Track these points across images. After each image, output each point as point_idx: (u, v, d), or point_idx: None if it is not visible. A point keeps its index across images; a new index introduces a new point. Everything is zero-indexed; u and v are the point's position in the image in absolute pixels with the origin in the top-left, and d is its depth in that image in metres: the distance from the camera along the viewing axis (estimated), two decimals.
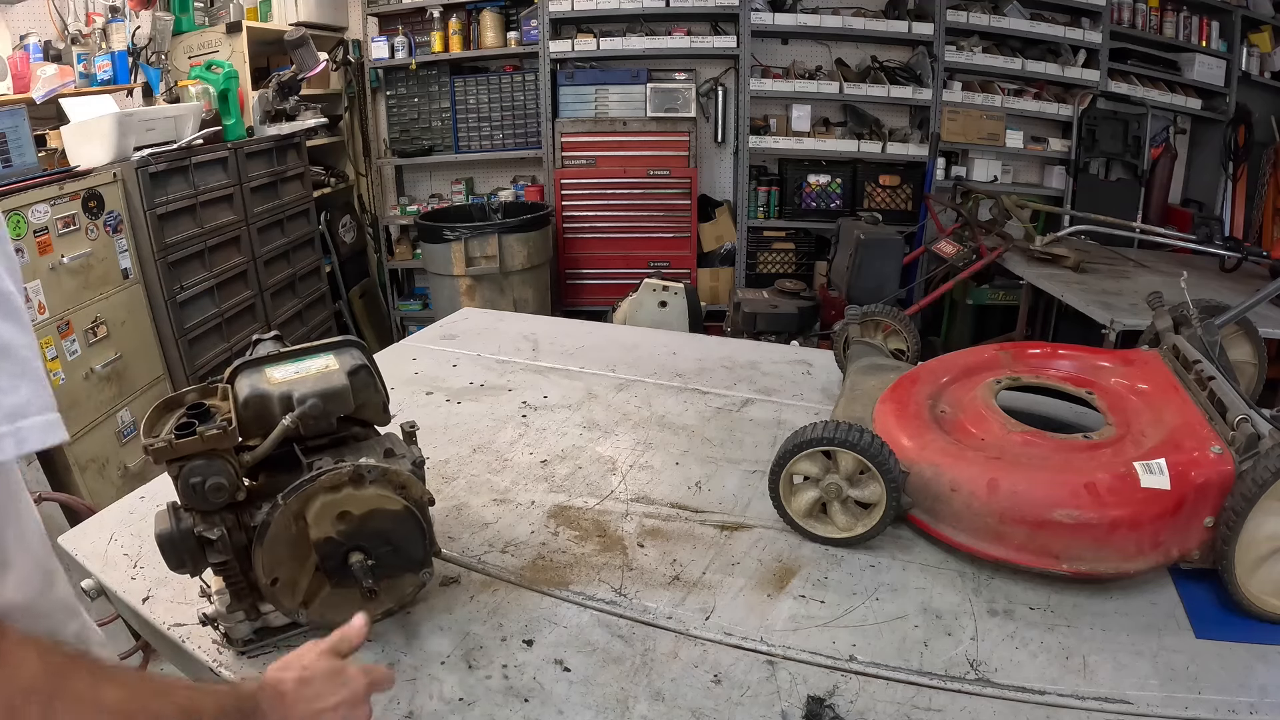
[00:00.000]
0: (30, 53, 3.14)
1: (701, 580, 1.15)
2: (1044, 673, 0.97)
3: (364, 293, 5.25)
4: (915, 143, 4.76)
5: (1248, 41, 4.75)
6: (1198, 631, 1.03)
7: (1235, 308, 1.47)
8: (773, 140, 4.77)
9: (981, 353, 1.49)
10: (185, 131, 3.12)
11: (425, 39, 4.86)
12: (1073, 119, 4.63)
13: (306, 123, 3.82)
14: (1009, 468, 1.14)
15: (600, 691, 0.95)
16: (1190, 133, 5.03)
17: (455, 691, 0.95)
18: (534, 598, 1.12)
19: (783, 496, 1.24)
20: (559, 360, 2.00)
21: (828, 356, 1.91)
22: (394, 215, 5.23)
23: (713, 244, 5.02)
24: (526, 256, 4.33)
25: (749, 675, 0.97)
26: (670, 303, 3.69)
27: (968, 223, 3.88)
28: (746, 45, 4.57)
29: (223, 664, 1.00)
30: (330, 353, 1.09)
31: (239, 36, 3.76)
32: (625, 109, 4.77)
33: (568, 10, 4.62)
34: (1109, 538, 1.06)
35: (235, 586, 0.99)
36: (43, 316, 2.41)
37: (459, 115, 4.98)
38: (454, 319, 2.35)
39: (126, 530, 1.29)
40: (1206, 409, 1.17)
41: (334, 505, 0.95)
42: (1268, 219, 4.78)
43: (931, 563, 1.18)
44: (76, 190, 2.58)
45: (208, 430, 0.92)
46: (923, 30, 4.52)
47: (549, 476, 1.44)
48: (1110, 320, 2.70)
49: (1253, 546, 1.03)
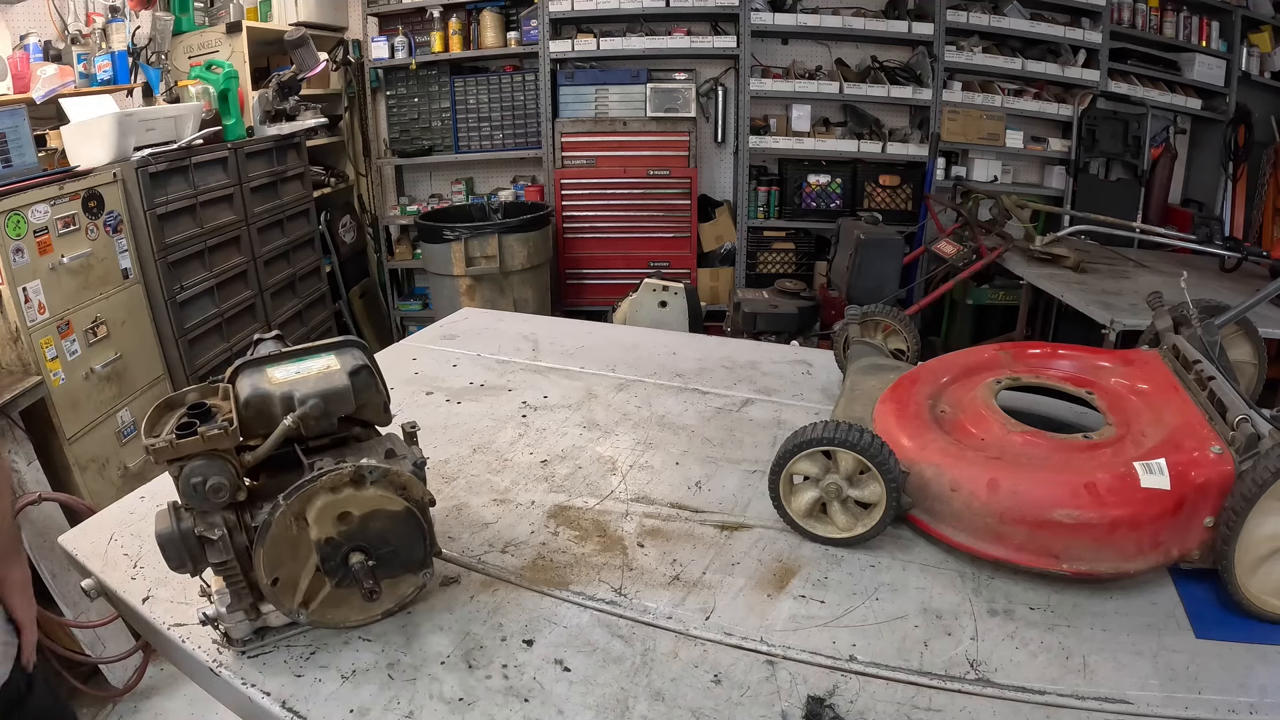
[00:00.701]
0: (30, 53, 3.15)
1: (701, 580, 1.15)
2: (1044, 673, 0.97)
3: (364, 293, 5.25)
4: (915, 143, 4.76)
5: (1248, 41, 4.75)
6: (1198, 631, 1.03)
7: (1235, 308, 1.47)
8: (773, 140, 4.77)
9: (981, 353, 1.49)
10: (185, 131, 3.12)
11: (425, 39, 4.86)
12: (1073, 119, 4.63)
13: (306, 123, 3.82)
14: (1009, 468, 1.14)
15: (600, 691, 0.95)
16: (1190, 133, 5.03)
17: (455, 691, 0.95)
18: (534, 598, 1.12)
19: (783, 496, 1.23)
20: (559, 360, 2.00)
21: (828, 356, 1.91)
22: (394, 215, 5.23)
23: (713, 244, 5.02)
24: (526, 256, 4.33)
25: (749, 675, 0.97)
26: (670, 303, 3.69)
27: (968, 223, 3.88)
28: (746, 45, 4.57)
29: (223, 664, 1.00)
30: (331, 353, 1.08)
31: (239, 36, 3.77)
32: (625, 109, 4.77)
33: (568, 10, 4.63)
34: (1109, 538, 1.06)
35: (235, 586, 0.98)
36: (43, 316, 2.41)
37: (459, 115, 4.98)
38: (454, 319, 2.35)
39: (126, 530, 1.29)
40: (1206, 409, 1.17)
41: (335, 506, 0.95)
42: (1268, 219, 4.78)
43: (931, 563, 1.18)
44: (76, 190, 2.58)
45: (209, 430, 0.92)
46: (923, 30, 4.52)
47: (549, 476, 1.44)
48: (1110, 320, 2.71)
49: (1253, 546, 1.03)
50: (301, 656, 1.01)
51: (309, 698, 0.94)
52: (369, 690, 0.95)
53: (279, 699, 0.94)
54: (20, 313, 2.33)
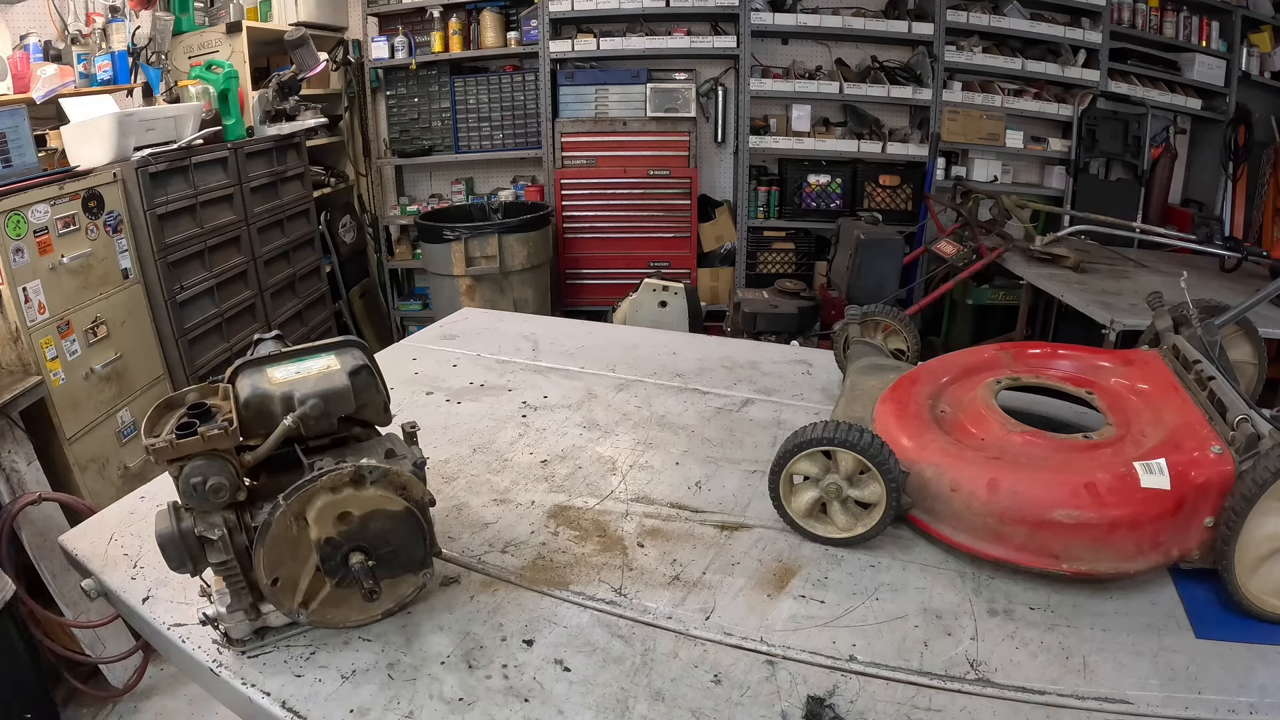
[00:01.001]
0: (30, 53, 3.14)
1: (701, 580, 1.15)
2: (1044, 673, 0.97)
3: (364, 293, 5.25)
4: (915, 143, 4.76)
5: (1248, 41, 4.75)
6: (1198, 631, 1.03)
7: (1235, 308, 1.47)
8: (773, 140, 4.77)
9: (981, 353, 1.49)
10: (185, 131, 3.12)
11: (425, 39, 4.86)
12: (1073, 119, 4.63)
13: (306, 123, 3.82)
14: (1009, 468, 1.14)
15: (600, 691, 0.95)
16: (1190, 133, 5.03)
17: (455, 691, 0.95)
18: (534, 598, 1.12)
19: (783, 496, 1.23)
20: (559, 360, 2.00)
21: (828, 356, 1.91)
22: (394, 215, 5.23)
23: (713, 244, 5.02)
24: (526, 256, 4.33)
25: (749, 675, 0.98)
26: (670, 303, 3.69)
27: (968, 223, 3.88)
28: (746, 45, 4.57)
29: (223, 664, 1.00)
30: (331, 353, 1.08)
31: (239, 36, 3.76)
32: (625, 109, 4.77)
33: (568, 10, 4.63)
34: (1109, 538, 1.06)
35: (235, 586, 0.99)
36: (43, 316, 2.41)
37: (459, 115, 4.98)
38: (454, 319, 2.35)
39: (126, 530, 1.29)
40: (1206, 409, 1.17)
41: (335, 506, 0.95)
42: (1268, 219, 4.78)
43: (931, 563, 1.18)
44: (76, 190, 2.58)
45: (209, 430, 0.92)
46: (923, 30, 4.52)
47: (549, 476, 1.44)
48: (1110, 320, 2.71)
49: (1253, 546, 1.03)
50: (301, 656, 1.01)
51: (309, 698, 0.94)
52: (369, 690, 0.95)
53: (279, 699, 0.94)
54: (20, 313, 2.33)
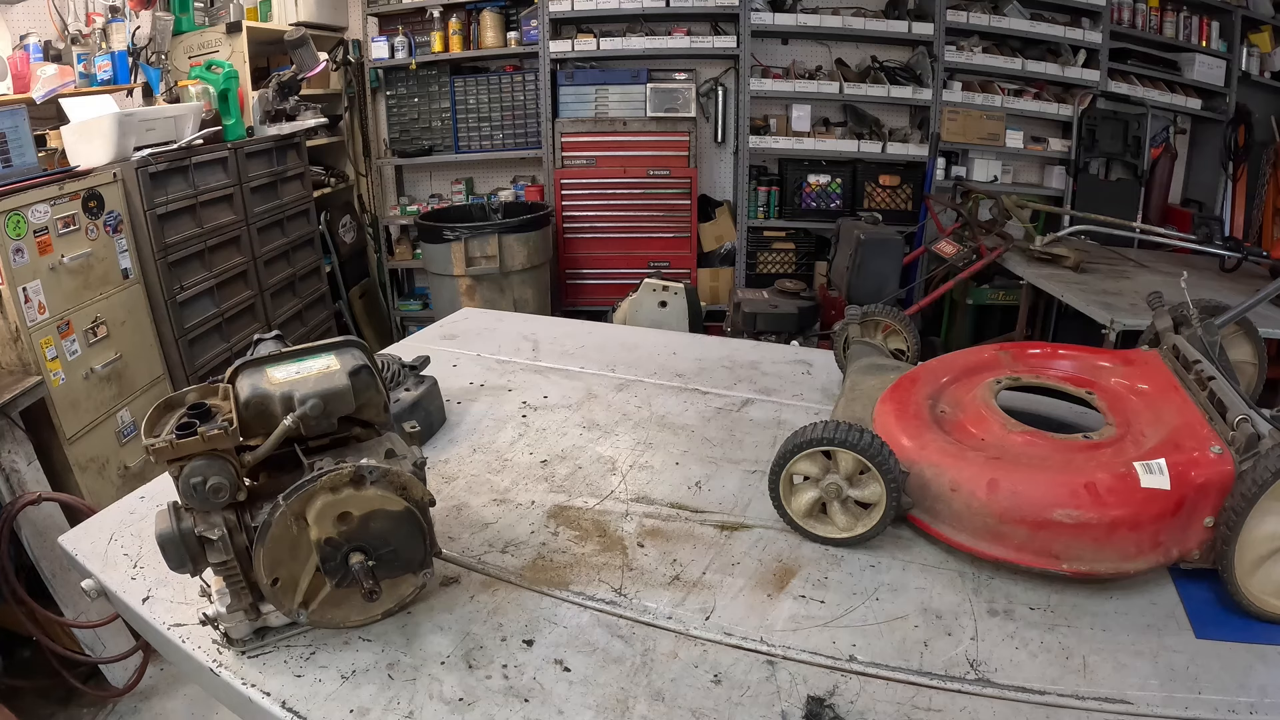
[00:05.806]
0: (30, 53, 3.14)
1: (701, 580, 1.15)
2: (1044, 673, 0.97)
3: (364, 293, 5.26)
4: (915, 143, 4.76)
5: (1248, 41, 4.75)
6: (1198, 631, 1.03)
7: (1235, 308, 1.47)
8: (773, 140, 4.77)
9: (981, 353, 1.48)
10: (185, 131, 3.12)
11: (425, 39, 4.86)
12: (1073, 119, 4.63)
13: (306, 123, 3.83)
14: (1009, 468, 1.14)
15: (600, 691, 0.95)
16: (1190, 133, 5.03)
17: (455, 691, 0.95)
18: (534, 598, 1.12)
19: (783, 496, 1.23)
20: (559, 360, 2.00)
21: (828, 356, 1.91)
22: (394, 215, 5.23)
23: (713, 244, 5.02)
24: (526, 256, 4.33)
25: (749, 675, 0.98)
26: (670, 303, 3.69)
27: (968, 223, 3.88)
28: (746, 45, 4.57)
29: (223, 664, 1.00)
30: (332, 353, 1.08)
31: (239, 36, 3.76)
32: (625, 109, 4.77)
33: (568, 10, 4.63)
34: (1109, 538, 1.06)
35: (235, 586, 0.99)
36: (43, 316, 2.42)
37: (459, 115, 4.98)
38: (454, 319, 2.35)
39: (126, 530, 1.28)
40: (1206, 409, 1.17)
41: (335, 506, 0.95)
42: (1268, 219, 4.79)
43: (931, 563, 1.18)
44: (76, 190, 2.58)
45: (209, 430, 0.92)
46: (923, 30, 4.52)
47: (549, 476, 1.44)
48: (1110, 320, 2.71)
49: (1253, 546, 1.03)
50: (301, 656, 1.01)
51: (309, 698, 0.94)
52: (369, 690, 0.95)
53: (279, 699, 0.94)
54: (20, 313, 2.33)
